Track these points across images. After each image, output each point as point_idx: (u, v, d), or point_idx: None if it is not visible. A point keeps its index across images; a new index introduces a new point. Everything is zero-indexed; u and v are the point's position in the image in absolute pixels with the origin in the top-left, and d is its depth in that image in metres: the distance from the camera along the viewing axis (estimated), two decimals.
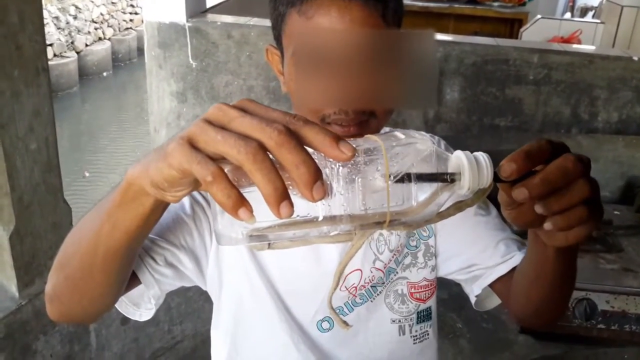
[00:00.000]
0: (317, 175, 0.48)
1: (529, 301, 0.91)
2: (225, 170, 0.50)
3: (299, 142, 0.48)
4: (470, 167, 0.58)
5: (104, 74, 10.59)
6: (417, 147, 0.58)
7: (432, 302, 1.08)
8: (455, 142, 1.01)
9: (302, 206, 0.51)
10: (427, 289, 1.06)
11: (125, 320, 1.66)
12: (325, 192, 0.48)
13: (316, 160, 0.48)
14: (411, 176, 0.56)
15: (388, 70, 0.83)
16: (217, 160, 0.50)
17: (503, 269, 0.98)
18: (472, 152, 0.60)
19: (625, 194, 2.29)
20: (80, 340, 1.57)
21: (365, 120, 0.87)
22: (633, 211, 2.16)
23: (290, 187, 0.49)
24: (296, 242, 0.69)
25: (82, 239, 0.72)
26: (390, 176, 0.55)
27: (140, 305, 0.93)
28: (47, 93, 1.27)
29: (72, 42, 9.82)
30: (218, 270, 0.98)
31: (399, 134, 0.60)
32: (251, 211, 0.49)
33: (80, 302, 0.79)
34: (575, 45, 3.14)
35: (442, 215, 0.65)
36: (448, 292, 1.11)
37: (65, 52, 9.58)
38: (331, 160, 0.52)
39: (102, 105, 9.74)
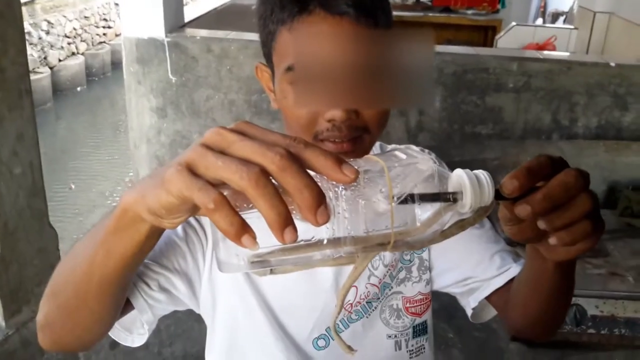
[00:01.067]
0: (320, 199, 0.47)
1: (527, 313, 0.91)
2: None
3: (301, 165, 0.48)
4: (471, 185, 0.57)
5: (78, 88, 10.48)
6: (418, 167, 0.57)
7: (427, 316, 1.08)
8: (437, 151, 1.01)
9: (305, 230, 0.50)
10: (422, 303, 1.06)
11: (114, 344, 1.62)
12: (329, 215, 0.48)
13: (319, 183, 0.48)
14: (414, 197, 0.56)
15: (383, 76, 0.83)
16: (216, 185, 0.49)
17: (499, 282, 0.99)
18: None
19: (608, 198, 2.31)
20: None
21: (359, 136, 0.86)
22: (617, 215, 2.19)
23: (293, 212, 0.48)
24: (299, 266, 0.68)
25: (76, 266, 0.70)
26: (393, 197, 0.54)
27: (132, 330, 0.91)
28: (30, 116, 1.24)
29: (45, 58, 9.70)
30: (211, 292, 0.97)
31: (399, 153, 0.59)
32: (254, 238, 0.48)
33: (74, 331, 0.78)
34: (553, 53, 3.18)
35: (445, 235, 0.65)
36: (438, 302, 1.11)
37: (38, 67, 9.45)
38: (333, 182, 0.51)
39: (77, 121, 9.63)
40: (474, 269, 1.01)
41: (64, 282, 0.74)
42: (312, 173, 0.49)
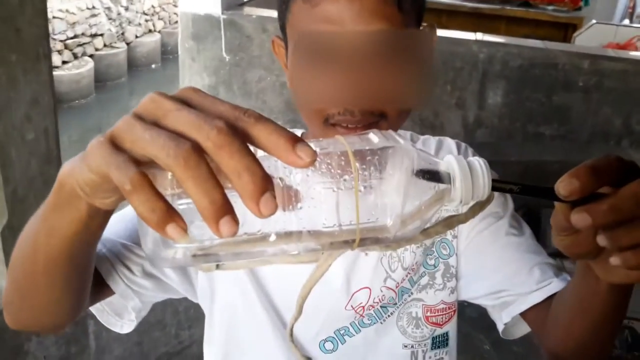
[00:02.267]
0: (264, 185, 0.39)
1: (569, 337, 0.81)
2: (170, 175, 0.42)
3: (244, 143, 0.40)
4: (462, 174, 0.49)
5: (153, 65, 10.74)
6: (393, 151, 0.48)
7: (450, 327, 0.99)
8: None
9: (251, 220, 0.42)
10: (444, 312, 0.97)
11: None
12: (276, 205, 0.39)
13: (268, 166, 0.40)
14: (387, 185, 0.47)
15: (397, 65, 0.74)
16: (145, 164, 0.41)
17: (537, 297, 0.89)
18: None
19: None
20: (78, 342, 1.50)
21: (375, 122, 0.77)
22: None
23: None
24: (252, 262, 0.59)
25: (24, 243, 0.64)
26: (359, 186, 0.46)
27: (123, 315, 0.86)
28: (47, 81, 1.20)
29: (122, 33, 9.98)
30: (209, 282, 0.91)
31: (373, 136, 0.50)
32: (184, 228, 0.40)
33: (32, 312, 0.72)
34: (630, 52, 2.96)
35: (427, 234, 0.56)
36: (477, 310, 1.02)
37: (115, 42, 9.73)
38: (286, 166, 0.43)
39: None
40: (509, 281, 0.91)
41: (16, 258, 0.68)
42: (262, 153, 0.41)
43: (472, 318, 1.00)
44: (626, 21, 5.93)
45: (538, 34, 4.97)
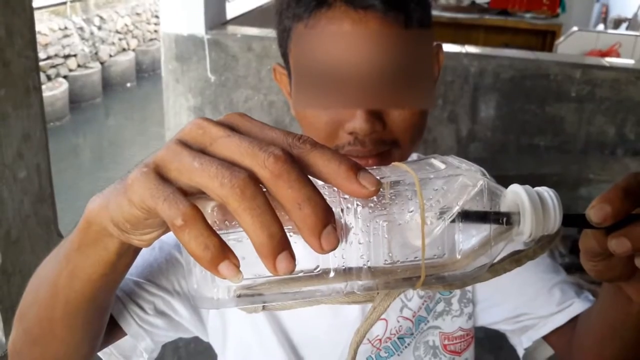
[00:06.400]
0: (326, 217, 0.37)
1: (602, 359, 0.78)
2: (210, 208, 0.40)
3: (303, 172, 0.37)
4: (532, 207, 0.44)
5: (128, 84, 10.68)
6: (461, 180, 0.44)
7: (468, 354, 0.96)
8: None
9: (308, 256, 0.39)
10: (462, 339, 0.94)
11: None
12: (338, 240, 0.37)
13: (327, 197, 0.37)
14: (454, 219, 0.43)
15: (407, 88, 0.73)
16: (193, 195, 0.39)
17: (560, 320, 0.87)
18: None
19: None
20: None
21: (387, 151, 0.75)
22: None
23: (291, 233, 0.37)
24: (300, 302, 0.54)
25: (40, 287, 0.60)
26: (426, 218, 0.42)
27: (131, 358, 0.81)
28: (38, 114, 1.14)
29: (96, 53, 9.90)
30: (221, 320, 0.88)
31: (436, 162, 0.46)
32: (237, 265, 0.36)
33: None
34: (621, 60, 2.97)
35: (495, 271, 0.52)
36: (483, 331, 0.98)
37: (88, 62, 9.64)
38: (347, 196, 0.40)
39: (125, 116, 9.81)
40: (529, 304, 0.90)
41: (28, 304, 0.63)
42: (319, 183, 0.38)
43: (479, 339, 0.97)
44: (601, 26, 6.03)
45: (517, 42, 5.01)
